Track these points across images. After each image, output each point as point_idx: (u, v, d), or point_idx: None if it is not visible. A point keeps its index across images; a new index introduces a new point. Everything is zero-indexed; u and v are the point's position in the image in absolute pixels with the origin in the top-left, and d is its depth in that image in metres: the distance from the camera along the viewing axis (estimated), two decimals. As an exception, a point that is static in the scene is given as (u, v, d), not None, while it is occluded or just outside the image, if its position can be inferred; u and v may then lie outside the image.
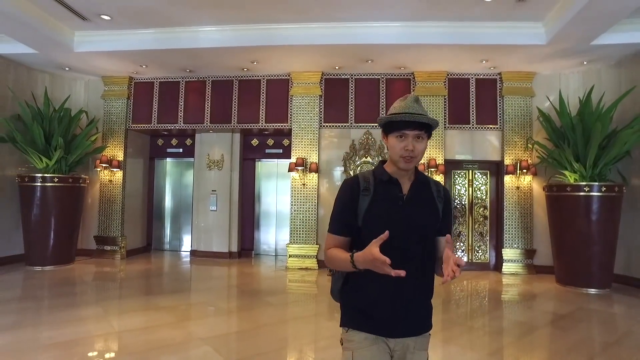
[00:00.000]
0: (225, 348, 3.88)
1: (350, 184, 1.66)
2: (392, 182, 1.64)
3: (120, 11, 6.21)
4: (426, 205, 1.64)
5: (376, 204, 1.59)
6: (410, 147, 1.55)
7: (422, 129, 1.56)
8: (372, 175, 1.67)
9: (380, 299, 1.56)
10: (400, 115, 1.54)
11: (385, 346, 1.58)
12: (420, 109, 1.57)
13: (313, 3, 5.81)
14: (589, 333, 4.43)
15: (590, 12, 5.16)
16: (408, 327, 1.59)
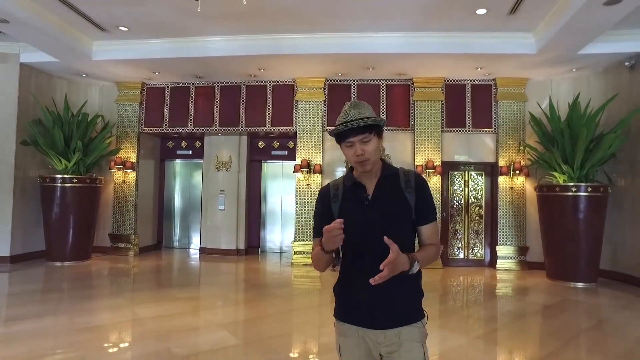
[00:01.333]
0: (240, 332, 4.32)
1: (322, 193, 1.78)
2: (357, 185, 1.70)
3: (137, 23, 6.64)
4: (393, 200, 1.66)
5: (345, 208, 1.67)
6: (360, 152, 1.60)
7: (366, 132, 1.59)
8: (342, 182, 1.75)
9: (360, 292, 1.61)
10: (340, 126, 1.60)
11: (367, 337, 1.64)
12: (358, 113, 1.60)
13: (318, 15, 6.23)
14: (570, 320, 4.84)
15: (575, 24, 5.56)
16: (388, 318, 1.62)
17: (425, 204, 1.68)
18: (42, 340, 3.79)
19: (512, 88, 8.07)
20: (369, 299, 1.60)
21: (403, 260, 1.49)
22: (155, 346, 3.70)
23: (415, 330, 1.63)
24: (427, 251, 1.65)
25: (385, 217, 1.62)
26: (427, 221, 1.68)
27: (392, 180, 1.69)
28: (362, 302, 1.62)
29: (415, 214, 1.66)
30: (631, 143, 6.71)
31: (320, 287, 6.91)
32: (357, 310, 1.64)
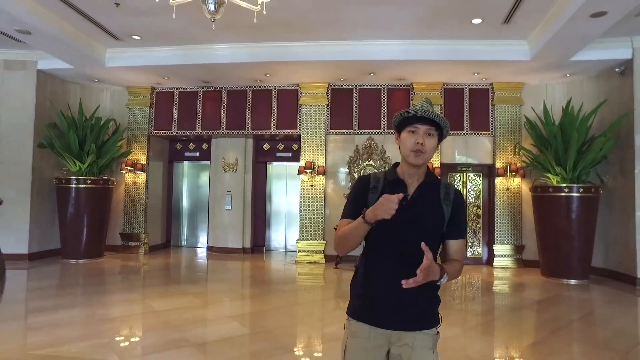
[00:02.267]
0: (249, 323, 4.65)
1: (361, 181, 1.79)
2: (398, 183, 1.71)
3: (148, 31, 6.97)
4: (430, 207, 1.67)
5: None
6: (421, 141, 1.62)
7: (434, 126, 1.65)
8: (383, 176, 1.77)
9: (380, 291, 1.64)
10: (412, 110, 1.66)
11: (379, 337, 1.65)
12: (432, 109, 1.67)
13: (321, 24, 6.54)
14: (558, 313, 5.14)
15: (565, 33, 5.85)
16: (404, 321, 1.63)
17: (460, 220, 1.71)
18: (66, 330, 4.13)
19: (509, 92, 8.37)
20: (392, 300, 1.62)
21: (435, 269, 1.50)
22: (173, 335, 4.03)
23: (429, 337, 1.66)
24: (453, 266, 1.66)
25: (419, 221, 1.63)
26: (458, 237, 1.70)
27: (433, 188, 1.71)
28: (385, 303, 1.63)
29: (447, 227, 1.68)
30: (621, 146, 6.99)
31: (323, 283, 7.23)
32: (377, 310, 1.65)
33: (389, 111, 8.65)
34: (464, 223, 1.74)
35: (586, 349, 3.92)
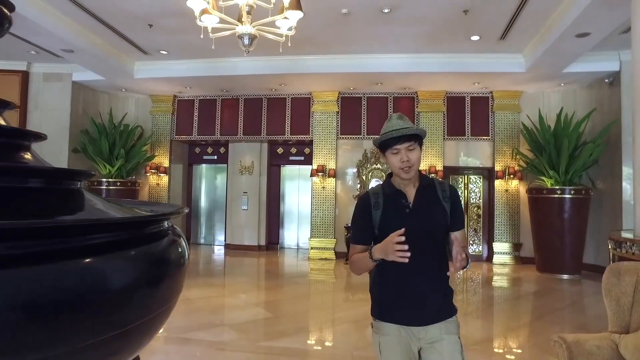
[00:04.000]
0: (272, 309, 5.31)
1: (362, 201, 1.87)
2: (398, 194, 1.80)
3: (175, 46, 7.65)
4: (432, 208, 1.77)
5: (386, 216, 1.76)
6: (405, 158, 1.72)
7: (412, 140, 1.73)
8: (381, 190, 1.85)
9: (397, 293, 1.74)
10: (388, 134, 1.73)
11: (407, 335, 1.75)
12: (404, 124, 1.74)
13: (332, 39, 7.16)
14: (546, 303, 5.74)
15: (555, 50, 6.43)
16: (427, 316, 1.73)
17: (459, 212, 1.84)
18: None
19: (507, 100, 8.95)
20: (411, 299, 1.73)
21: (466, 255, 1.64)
22: (209, 318, 4.70)
23: (453, 324, 1.78)
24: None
25: (425, 223, 1.73)
26: (459, 227, 1.83)
27: (430, 189, 1.82)
28: (405, 303, 1.74)
29: (450, 221, 1.80)
30: (611, 151, 7.54)
31: (334, 277, 7.87)
32: (400, 310, 1.75)
33: (395, 118, 9.25)
34: (462, 214, 1.87)
35: (564, 329, 4.51)
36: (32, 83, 8.63)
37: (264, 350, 3.91)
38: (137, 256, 1.05)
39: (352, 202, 9.48)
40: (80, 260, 0.93)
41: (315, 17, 6.10)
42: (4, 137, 1.11)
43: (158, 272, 1.09)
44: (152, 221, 1.11)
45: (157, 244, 1.10)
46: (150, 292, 1.09)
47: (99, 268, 0.96)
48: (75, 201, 1.14)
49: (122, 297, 0.99)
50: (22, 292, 0.81)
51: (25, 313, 0.80)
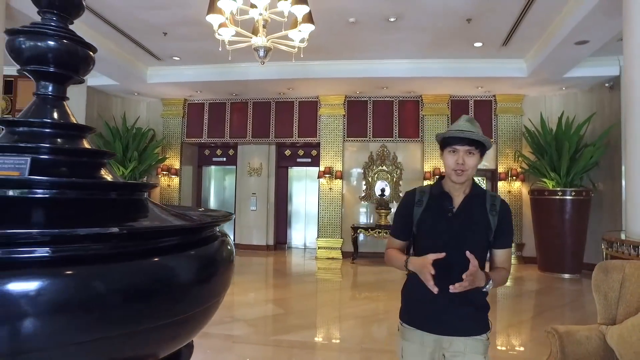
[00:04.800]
0: (283, 305, 5.56)
1: (407, 196, 1.86)
2: (444, 196, 1.75)
3: (187, 53, 7.91)
4: (476, 218, 1.70)
5: (427, 215, 1.73)
6: (461, 161, 1.67)
7: (472, 145, 1.68)
8: (429, 189, 1.82)
9: (428, 298, 1.64)
10: (451, 132, 1.69)
11: (432, 343, 1.71)
12: (471, 127, 1.69)
13: (340, 46, 7.39)
14: (546, 301, 5.96)
15: (556, 56, 6.64)
16: (452, 326, 1.69)
17: (506, 230, 1.75)
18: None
19: (510, 103, 9.15)
20: (440, 306, 1.68)
21: (480, 276, 1.58)
22: (224, 313, 4.95)
23: (480, 343, 1.70)
24: (499, 274, 1.72)
25: (465, 231, 1.67)
26: (504, 246, 1.74)
27: (479, 200, 1.75)
28: (434, 309, 1.70)
29: (493, 236, 1.72)
30: (611, 153, 7.73)
31: (341, 276, 8.11)
32: (427, 316, 1.72)
33: (400, 121, 9.50)
34: (510, 233, 1.77)
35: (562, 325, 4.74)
36: (48, 88, 8.90)
37: (277, 343, 4.16)
38: (196, 256, 1.28)
39: (358, 203, 9.73)
40: (156, 258, 1.17)
41: (324, 26, 6.32)
42: (88, 157, 1.36)
43: (212, 269, 1.33)
44: (208, 226, 1.35)
45: (212, 245, 1.34)
46: (206, 286, 1.33)
47: (169, 265, 1.20)
48: (143, 209, 1.39)
49: (184, 289, 1.23)
50: (121, 280, 1.05)
51: (122, 296, 1.04)
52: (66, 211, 1.16)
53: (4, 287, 0.89)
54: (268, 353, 3.92)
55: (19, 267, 0.94)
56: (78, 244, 1.00)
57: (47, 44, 1.28)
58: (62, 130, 1.33)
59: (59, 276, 0.96)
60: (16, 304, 0.90)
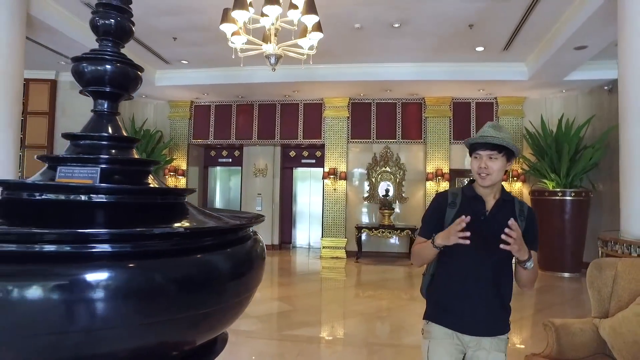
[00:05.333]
0: (290, 302, 5.75)
1: (440, 197, 1.91)
2: (477, 199, 1.81)
3: (195, 57, 8.11)
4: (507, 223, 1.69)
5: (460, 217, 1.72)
6: (484, 166, 1.74)
7: (495, 150, 1.73)
8: (461, 192, 1.87)
9: (457, 298, 1.76)
10: (474, 138, 1.79)
11: (458, 342, 1.78)
12: (495, 132, 1.75)
13: (345, 50, 7.57)
14: (545, 298, 6.13)
15: (555, 60, 6.81)
16: (480, 327, 1.76)
17: (533, 234, 1.80)
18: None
19: (511, 105, 9.33)
20: (471, 306, 1.76)
21: (525, 248, 1.64)
22: (234, 309, 5.14)
23: (502, 342, 1.80)
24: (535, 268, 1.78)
25: (497, 235, 1.65)
26: (531, 248, 1.75)
27: (509, 205, 1.83)
28: (463, 309, 1.77)
29: None
30: (610, 154, 7.89)
31: (345, 275, 8.30)
32: (456, 315, 1.79)
33: (404, 123, 9.69)
34: (536, 237, 1.83)
35: (561, 322, 4.93)
36: (59, 91, 9.12)
37: (287, 338, 4.36)
38: (233, 253, 1.46)
39: (362, 203, 9.91)
40: (201, 255, 1.35)
41: (331, 31, 6.49)
42: (139, 166, 1.54)
43: (248, 264, 1.52)
44: (243, 227, 1.54)
45: (246, 244, 1.52)
46: (243, 280, 1.51)
47: (213, 260, 1.38)
48: (184, 212, 1.57)
49: (225, 281, 1.42)
50: (177, 273, 1.23)
51: (178, 286, 1.23)
52: (125, 213, 1.34)
53: (81, 276, 1.07)
54: (279, 347, 4.12)
55: (93, 259, 1.12)
56: (144, 241, 1.19)
57: (105, 67, 1.47)
58: (116, 142, 1.51)
59: (125, 268, 1.14)
60: (90, 290, 1.07)
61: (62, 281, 1.05)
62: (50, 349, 1.07)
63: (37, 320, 1.02)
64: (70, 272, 1.06)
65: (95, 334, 1.10)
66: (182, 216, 1.54)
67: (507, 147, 1.75)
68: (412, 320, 5.03)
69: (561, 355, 2.53)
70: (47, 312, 1.02)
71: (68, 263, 1.08)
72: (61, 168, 1.27)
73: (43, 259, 1.08)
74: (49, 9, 5.64)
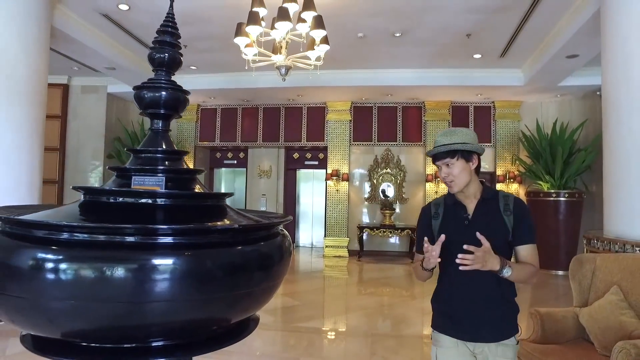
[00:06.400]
0: (296, 297, 6.07)
1: (423, 211, 1.93)
2: (458, 205, 1.81)
3: (203, 63, 8.42)
4: (491, 223, 1.73)
5: (445, 226, 1.78)
6: (444, 174, 1.76)
7: (447, 157, 1.74)
8: (443, 201, 1.88)
9: (458, 305, 1.75)
10: (429, 150, 1.82)
11: (466, 349, 1.76)
12: (445, 139, 1.76)
13: (348, 57, 7.88)
14: (539, 294, 6.45)
15: (550, 67, 7.13)
16: (482, 332, 1.73)
17: (523, 226, 1.75)
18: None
19: (508, 109, 9.65)
20: (466, 313, 1.75)
21: (493, 259, 1.60)
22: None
23: (509, 348, 1.74)
24: (523, 265, 1.73)
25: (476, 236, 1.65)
26: (523, 242, 1.74)
27: (491, 203, 1.79)
28: (460, 316, 1.76)
29: (512, 235, 1.74)
30: (602, 157, 8.19)
31: (347, 272, 8.61)
32: (454, 322, 1.78)
33: (404, 126, 10.01)
34: (529, 228, 1.76)
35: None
36: (71, 95, 9.45)
37: (297, 329, 4.68)
38: (267, 246, 1.77)
39: (363, 204, 10.23)
40: (241, 247, 1.67)
41: (335, 40, 6.80)
42: (188, 174, 1.87)
43: (277, 256, 1.82)
44: (277, 225, 1.85)
45: (277, 239, 1.83)
46: (273, 268, 1.82)
47: (250, 251, 1.69)
48: (224, 212, 1.89)
49: (260, 268, 1.73)
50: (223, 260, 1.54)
51: (222, 270, 1.52)
52: (181, 213, 1.66)
53: (152, 260, 1.37)
54: (290, 338, 4.44)
55: (157, 248, 1.42)
56: (203, 235, 1.50)
57: (161, 94, 1.80)
58: (169, 155, 1.83)
59: (182, 255, 1.44)
60: (156, 271, 1.37)
61: (135, 264, 1.34)
62: (124, 313, 1.36)
63: (117, 292, 1.31)
64: (141, 257, 1.37)
65: (157, 304, 1.39)
66: (224, 215, 1.85)
67: (459, 149, 1.74)
68: (413, 314, 5.37)
69: (545, 340, 2.85)
70: (124, 286, 1.31)
71: (140, 250, 1.39)
72: (135, 177, 1.58)
73: (123, 247, 1.39)
74: (70, 20, 5.96)
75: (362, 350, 4.15)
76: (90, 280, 1.30)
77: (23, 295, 1.31)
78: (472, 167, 1.77)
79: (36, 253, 1.33)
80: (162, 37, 1.88)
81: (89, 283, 1.30)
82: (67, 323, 1.37)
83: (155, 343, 1.49)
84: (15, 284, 1.31)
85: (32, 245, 1.35)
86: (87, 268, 1.32)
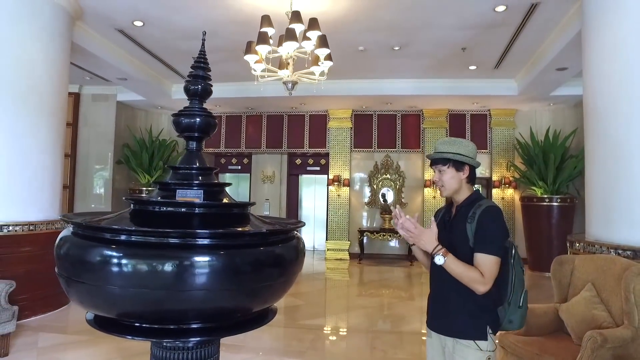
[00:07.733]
0: (301, 298, 6.39)
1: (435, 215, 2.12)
2: (448, 208, 2.02)
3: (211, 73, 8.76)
4: (457, 228, 1.87)
5: (439, 225, 1.93)
6: (436, 179, 1.97)
7: (439, 164, 1.93)
8: (445, 205, 2.08)
9: (430, 302, 2.02)
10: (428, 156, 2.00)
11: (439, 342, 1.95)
12: (442, 148, 1.94)
13: (349, 68, 8.23)
14: (533, 295, 6.70)
15: (541, 78, 7.49)
16: (442, 325, 1.92)
17: (480, 236, 1.80)
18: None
19: (503, 117, 10.00)
20: (434, 305, 1.99)
21: (428, 240, 1.82)
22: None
23: (470, 352, 1.79)
24: (467, 266, 1.78)
25: (451, 241, 1.85)
26: (477, 250, 1.80)
27: (466, 209, 1.90)
28: (433, 309, 2.00)
29: (473, 242, 1.82)
30: (593, 164, 8.56)
31: (348, 274, 8.94)
32: (430, 316, 2.02)
33: (403, 133, 10.36)
34: (483, 238, 1.79)
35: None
36: (82, 103, 9.79)
37: (302, 326, 5.00)
38: (285, 247, 2.09)
39: (363, 208, 10.56)
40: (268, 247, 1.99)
41: (337, 53, 7.14)
42: (218, 187, 2.20)
43: (293, 256, 2.15)
44: (294, 229, 2.18)
45: (293, 241, 2.16)
46: (289, 266, 2.15)
47: (271, 251, 2.02)
48: (248, 219, 2.22)
49: (277, 266, 2.06)
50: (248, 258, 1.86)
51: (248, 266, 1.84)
52: (215, 219, 2.00)
53: (192, 258, 1.70)
54: (296, 334, 4.76)
55: (197, 248, 1.74)
56: (231, 238, 1.83)
57: (195, 120, 2.14)
58: (202, 171, 2.17)
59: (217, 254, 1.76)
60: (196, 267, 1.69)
61: (179, 260, 1.66)
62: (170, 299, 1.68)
63: (165, 282, 1.63)
64: (183, 255, 1.70)
65: (195, 292, 1.70)
66: (247, 221, 2.19)
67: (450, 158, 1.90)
68: (411, 313, 5.69)
69: (529, 333, 3.17)
70: (170, 277, 1.64)
71: (182, 250, 1.71)
72: (179, 190, 1.92)
73: (169, 247, 1.72)
74: (88, 36, 6.32)
75: (363, 345, 4.48)
76: (143, 273, 1.64)
77: (93, 282, 1.66)
78: (462, 177, 1.90)
79: (103, 251, 1.68)
80: (195, 71, 2.22)
81: (142, 275, 1.64)
82: (125, 305, 1.71)
83: (193, 325, 1.82)
84: (88, 274, 1.66)
85: (100, 245, 1.69)
86: (141, 263, 1.66)
